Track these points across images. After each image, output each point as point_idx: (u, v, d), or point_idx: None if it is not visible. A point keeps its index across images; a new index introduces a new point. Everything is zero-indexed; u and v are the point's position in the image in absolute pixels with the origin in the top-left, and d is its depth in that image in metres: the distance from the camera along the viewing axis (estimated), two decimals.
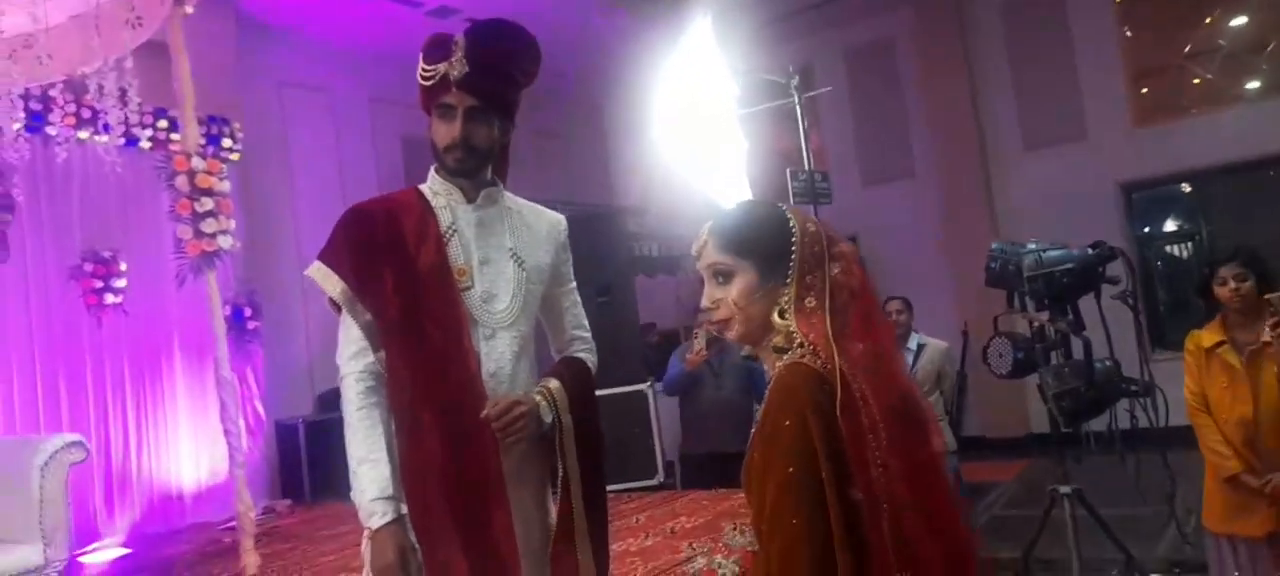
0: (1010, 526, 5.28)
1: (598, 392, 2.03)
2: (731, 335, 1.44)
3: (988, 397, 7.99)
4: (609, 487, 2.05)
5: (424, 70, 1.86)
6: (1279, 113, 7.61)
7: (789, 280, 1.35)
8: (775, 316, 1.36)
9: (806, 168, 5.07)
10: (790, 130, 5.85)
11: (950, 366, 4.93)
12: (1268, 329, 2.83)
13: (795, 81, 5.29)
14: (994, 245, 3.62)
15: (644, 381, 5.53)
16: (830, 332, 1.33)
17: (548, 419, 1.84)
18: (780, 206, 1.43)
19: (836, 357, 1.30)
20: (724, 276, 1.40)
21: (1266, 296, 2.91)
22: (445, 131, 1.85)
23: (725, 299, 1.39)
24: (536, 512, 1.90)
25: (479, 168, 1.89)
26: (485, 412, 1.75)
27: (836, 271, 1.36)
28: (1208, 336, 3.25)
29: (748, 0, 7.48)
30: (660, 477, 5.45)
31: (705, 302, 1.44)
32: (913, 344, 4.90)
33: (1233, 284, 3.14)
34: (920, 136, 9.20)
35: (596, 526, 1.92)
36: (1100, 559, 3.78)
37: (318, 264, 1.86)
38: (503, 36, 1.89)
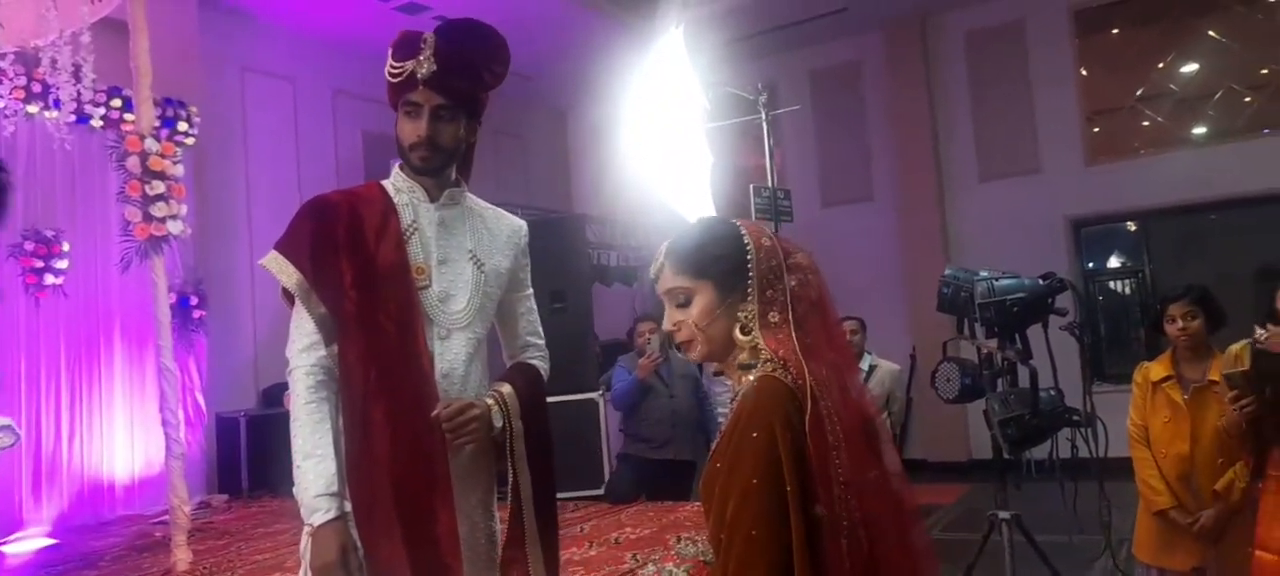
0: (950, 550, 5.34)
1: (550, 399, 2.02)
2: (695, 356, 1.45)
3: (932, 421, 8.13)
4: (558, 495, 2.04)
5: (392, 67, 1.84)
6: (1223, 158, 7.87)
7: (749, 296, 1.36)
8: (738, 333, 1.37)
9: (770, 185, 5.12)
10: (755, 147, 5.90)
11: (900, 389, 5.01)
12: (1231, 407, 2.89)
13: (763, 98, 5.34)
14: (947, 271, 3.69)
15: (596, 390, 5.52)
16: (798, 347, 1.34)
17: (498, 423, 1.83)
18: (734, 222, 1.43)
19: (807, 374, 1.31)
20: (684, 299, 1.40)
21: (1223, 374, 2.96)
22: (411, 129, 1.84)
23: (686, 321, 1.40)
24: (482, 517, 1.89)
25: (444, 166, 1.88)
26: (436, 413, 1.74)
27: (794, 284, 1.37)
28: (1157, 370, 3.33)
29: (717, 16, 7.52)
30: (606, 489, 5.44)
31: (667, 326, 1.45)
32: (865, 365, 4.96)
33: (1181, 322, 3.22)
34: (880, 161, 9.35)
35: (547, 532, 1.91)
36: None
37: (274, 253, 1.82)
38: (472, 36, 1.88)
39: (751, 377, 1.34)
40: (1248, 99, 8.08)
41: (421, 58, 1.80)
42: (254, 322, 7.08)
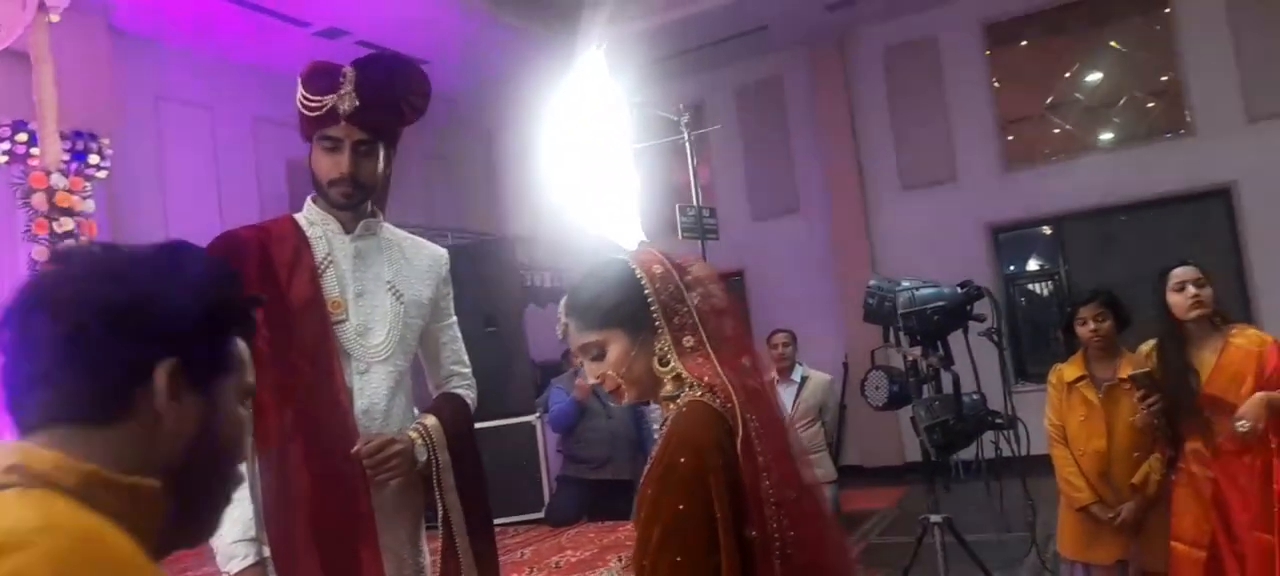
0: (886, 553, 5.44)
1: (485, 424, 2.00)
2: (625, 401, 1.46)
3: (866, 428, 8.27)
4: (497, 520, 2.02)
5: (307, 99, 1.80)
6: (1130, 162, 8.23)
7: (659, 329, 1.36)
8: (657, 366, 1.37)
9: (696, 204, 5.17)
10: (681, 166, 5.96)
11: (832, 398, 5.09)
12: (1140, 406, 3.00)
13: (685, 119, 5.40)
14: (871, 282, 3.77)
15: (532, 412, 5.49)
16: (720, 369, 1.35)
17: (423, 457, 1.80)
18: (622, 261, 1.43)
19: (734, 397, 1.32)
20: (597, 352, 1.41)
21: (1129, 375, 3.09)
22: (331, 165, 1.81)
23: (606, 371, 1.41)
24: (410, 553, 1.86)
25: (364, 200, 1.86)
26: (356, 449, 1.71)
27: (697, 300, 1.38)
28: (1070, 371, 3.45)
29: (640, 35, 7.59)
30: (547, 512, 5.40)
31: (591, 380, 1.46)
32: (796, 376, 5.04)
33: (1092, 325, 3.35)
34: (806, 174, 9.52)
35: (484, 561, 1.88)
36: None
37: None
38: (394, 71, 1.86)
39: (680, 404, 1.35)
40: (1150, 105, 8.46)
41: (342, 93, 1.77)
42: None
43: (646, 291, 1.37)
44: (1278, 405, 2.81)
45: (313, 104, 1.79)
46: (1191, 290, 2.98)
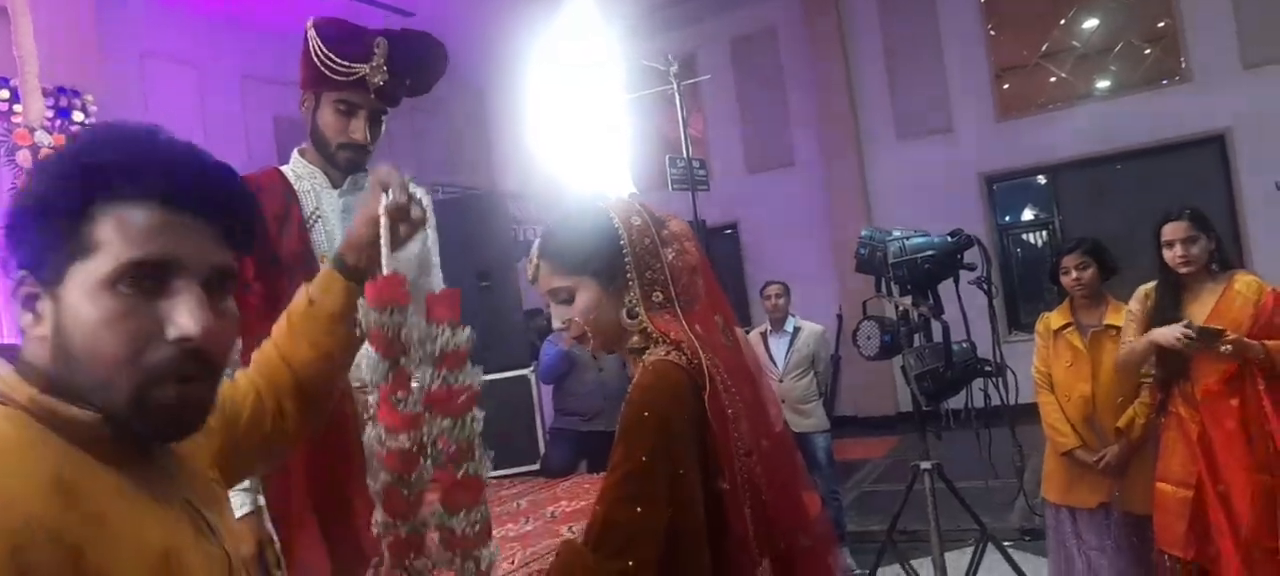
0: (878, 500, 5.53)
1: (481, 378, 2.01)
2: (592, 348, 1.45)
3: (859, 379, 8.32)
4: (494, 473, 2.04)
5: (333, 61, 1.78)
6: (1126, 110, 8.19)
7: (630, 281, 1.35)
8: (624, 317, 1.36)
9: (685, 155, 5.14)
10: (674, 117, 5.93)
11: (825, 349, 5.11)
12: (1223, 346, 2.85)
13: (674, 69, 5.35)
14: (863, 232, 3.78)
15: (526, 366, 5.50)
16: (687, 325, 1.34)
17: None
18: (601, 209, 1.42)
19: (701, 352, 1.31)
20: (566, 297, 1.40)
21: (1194, 329, 3.02)
22: (344, 127, 1.81)
23: (574, 317, 1.40)
24: None
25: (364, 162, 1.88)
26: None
27: (671, 256, 1.38)
28: (1056, 318, 3.48)
29: None
30: (542, 463, 5.45)
31: (557, 324, 1.44)
32: (789, 327, 5.05)
33: (1074, 273, 3.37)
34: (801, 126, 9.47)
35: None
36: (959, 529, 4.01)
37: None
38: (425, 51, 1.90)
39: (647, 360, 1.34)
40: (1146, 51, 8.40)
41: (373, 64, 1.78)
42: None
43: (622, 243, 1.36)
44: (1254, 352, 2.82)
45: (339, 67, 1.78)
46: (1178, 250, 2.99)
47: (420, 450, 1.19)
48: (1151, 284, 3.16)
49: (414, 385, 1.19)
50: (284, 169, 1.88)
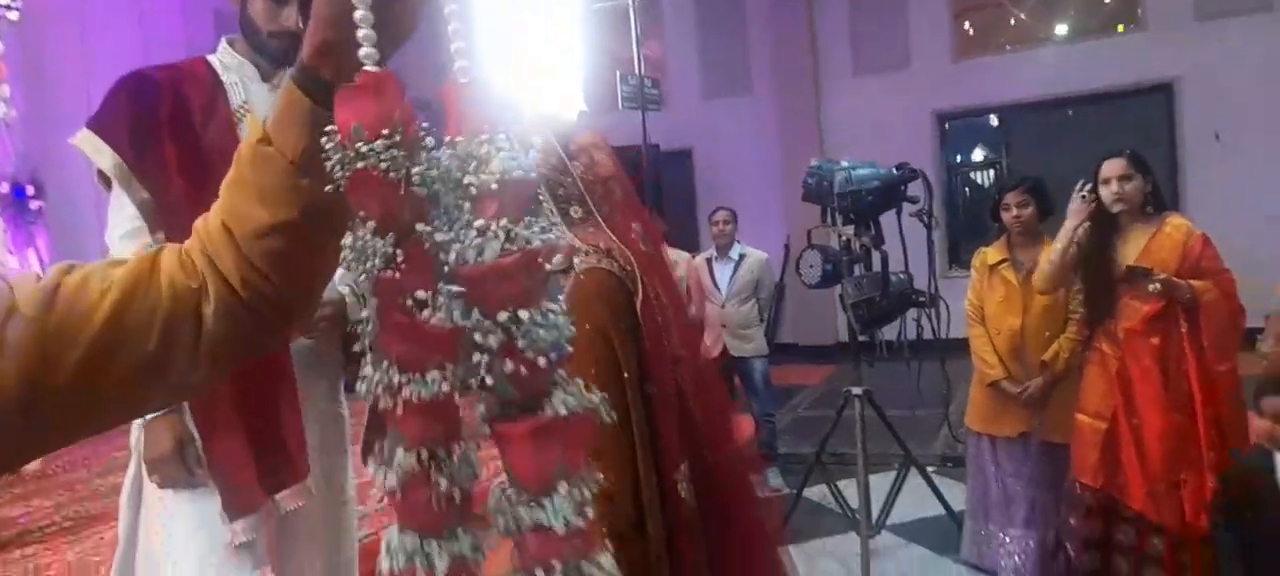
0: (811, 425, 5.66)
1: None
2: None
3: (802, 308, 8.45)
4: None
5: None
6: (1083, 55, 8.26)
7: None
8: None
9: (638, 72, 5.06)
10: (628, 34, 5.83)
11: (767, 276, 5.15)
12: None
13: None
14: (812, 163, 3.79)
15: None
16: (612, 232, 1.33)
17: (357, 315, 1.79)
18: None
19: (633, 260, 1.31)
20: None
21: (1128, 267, 3.06)
22: (274, 14, 1.74)
23: None
24: (328, 403, 1.87)
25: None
26: None
27: (582, 169, 1.35)
28: (993, 254, 3.55)
29: None
30: None
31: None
32: (734, 254, 5.08)
33: (1015, 210, 3.43)
34: (759, 54, 9.38)
35: None
36: (885, 454, 4.14)
37: (86, 132, 1.71)
38: None
39: (577, 269, 1.33)
40: None
41: None
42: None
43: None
44: (1182, 291, 2.92)
45: None
46: (1114, 186, 3.05)
47: (463, 392, 0.68)
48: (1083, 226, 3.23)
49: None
50: (211, 58, 1.81)
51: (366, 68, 0.71)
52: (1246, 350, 2.97)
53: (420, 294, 0.67)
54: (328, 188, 0.70)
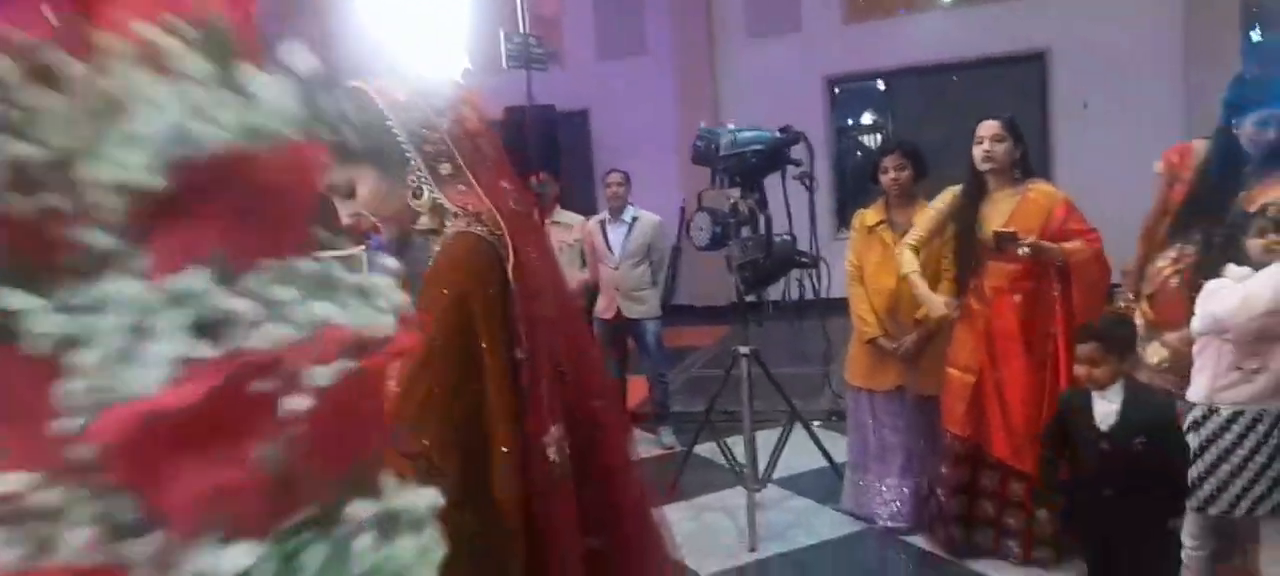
0: (704, 384, 5.78)
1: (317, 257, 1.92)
2: (385, 239, 1.37)
3: (697, 271, 8.55)
4: None
5: None
6: (963, 21, 8.54)
7: (409, 158, 1.28)
8: (411, 200, 1.29)
9: (522, 31, 4.98)
10: None
11: (660, 239, 5.20)
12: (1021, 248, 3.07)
13: None
14: (701, 126, 3.85)
15: (358, 245, 5.32)
16: (483, 193, 1.31)
17: None
18: (358, 87, 1.30)
19: (502, 222, 1.29)
20: (346, 191, 1.31)
21: (993, 232, 3.16)
22: None
23: (359, 210, 1.31)
24: None
25: None
26: None
27: (448, 125, 1.32)
28: (871, 216, 3.68)
29: None
30: None
31: (344, 221, 1.34)
32: (628, 216, 5.10)
33: (892, 173, 3.56)
34: (655, 15, 9.36)
35: None
36: (773, 410, 4.27)
37: None
38: None
39: (446, 235, 1.30)
40: None
41: None
42: None
43: (389, 120, 1.27)
44: (1046, 252, 3.08)
45: None
46: (986, 145, 3.20)
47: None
48: (959, 187, 3.38)
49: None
50: None
51: None
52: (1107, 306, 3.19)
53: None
54: None
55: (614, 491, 1.43)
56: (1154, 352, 2.85)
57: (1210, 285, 2.50)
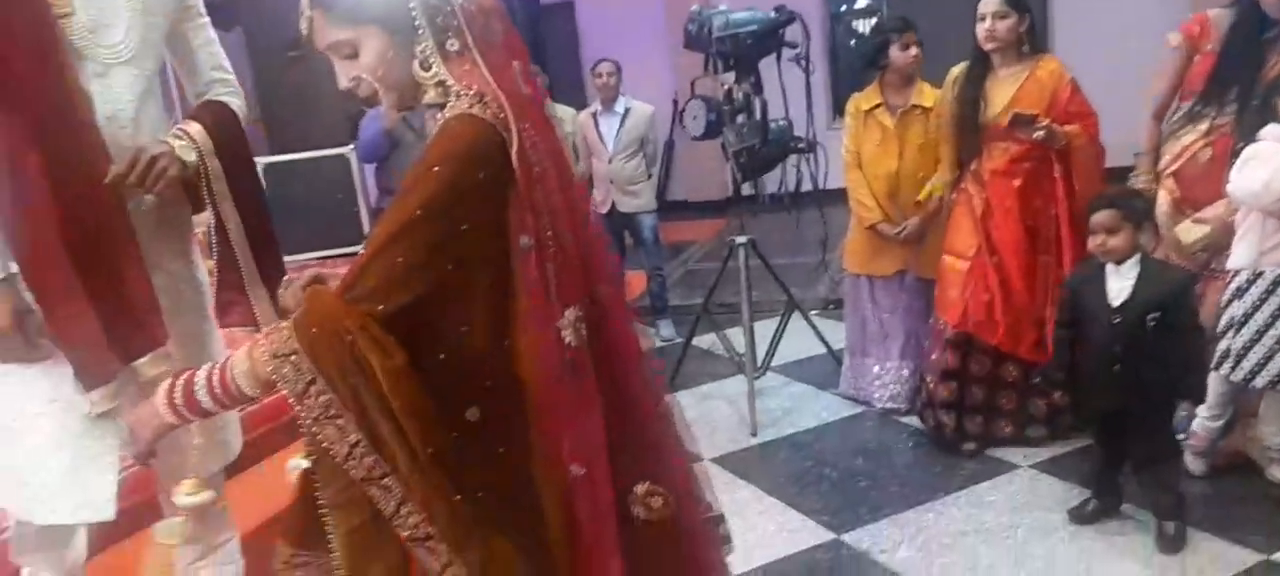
0: (701, 277, 5.78)
1: (294, 156, 1.88)
2: (386, 107, 1.33)
3: (693, 164, 8.48)
4: (313, 254, 1.93)
5: None
6: None
7: (420, 28, 1.22)
8: (417, 69, 1.25)
9: None
10: None
11: (654, 130, 5.11)
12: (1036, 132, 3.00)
13: None
14: (693, 8, 3.72)
15: (345, 144, 5.23)
16: (489, 75, 1.26)
17: (190, 157, 1.67)
18: None
19: (506, 105, 1.24)
20: (349, 51, 1.25)
21: (1011, 115, 3.06)
22: None
23: (360, 75, 1.26)
24: (182, 265, 1.77)
25: None
26: (113, 173, 1.55)
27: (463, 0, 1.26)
28: (866, 100, 3.59)
29: None
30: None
31: (343, 84, 1.29)
32: (620, 107, 5.01)
33: (914, 50, 3.44)
34: None
35: (269, 270, 1.82)
36: (770, 299, 4.27)
37: None
38: None
39: (446, 115, 1.26)
40: None
41: None
42: None
43: None
44: (1059, 139, 3.02)
45: None
46: (988, 23, 3.10)
47: None
48: (961, 67, 3.29)
49: None
50: None
51: None
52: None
53: None
54: None
55: (625, 377, 1.42)
56: (1187, 232, 2.79)
57: (1249, 151, 2.45)
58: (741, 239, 3.72)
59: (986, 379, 3.21)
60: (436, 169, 1.20)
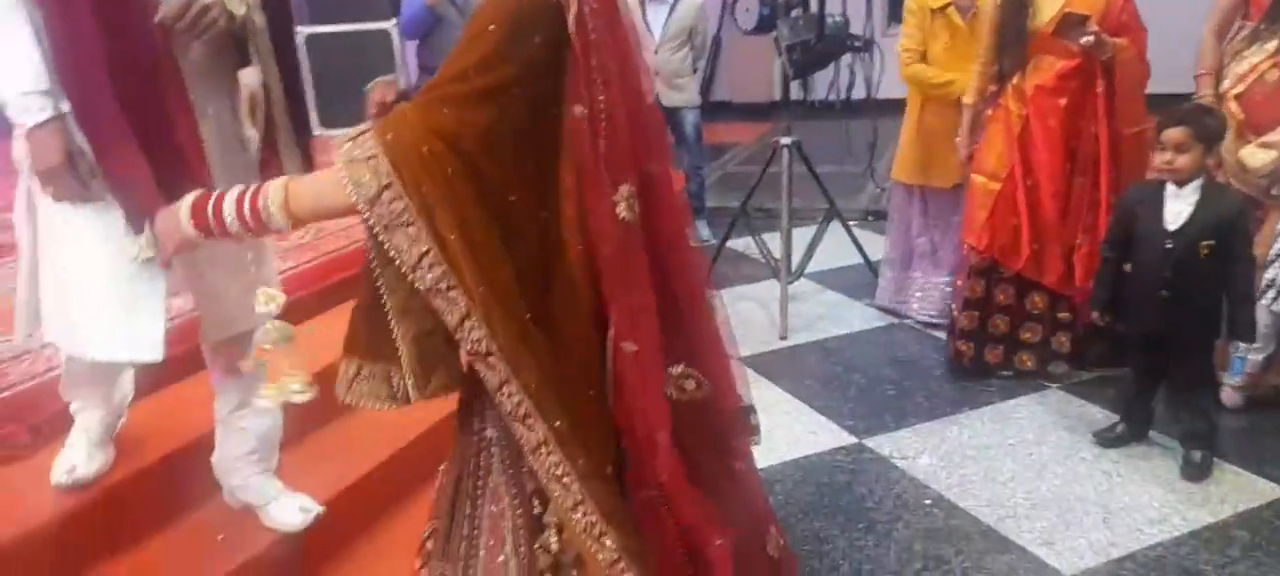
0: (741, 179, 5.70)
1: (334, 28, 1.86)
2: None
3: (739, 63, 8.29)
4: (350, 130, 1.92)
5: None
6: None
7: None
8: None
9: None
10: None
11: (702, 22, 4.96)
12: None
13: None
14: None
15: (387, 18, 5.14)
16: None
17: (239, 10, 1.65)
18: None
19: None
20: None
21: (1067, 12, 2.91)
22: None
23: None
24: (231, 122, 1.76)
25: None
26: (164, 12, 1.54)
27: None
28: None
29: None
30: None
31: None
32: None
33: None
34: None
35: (302, 136, 1.82)
36: (809, 207, 4.21)
37: None
38: None
39: None
40: None
41: None
42: None
43: None
44: (1106, 49, 2.86)
45: None
46: None
47: None
48: None
49: None
50: None
51: None
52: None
53: None
54: None
55: (671, 256, 1.41)
56: (1252, 155, 2.66)
57: None
58: (787, 140, 3.65)
59: (1010, 309, 3.11)
60: (492, 27, 1.18)
